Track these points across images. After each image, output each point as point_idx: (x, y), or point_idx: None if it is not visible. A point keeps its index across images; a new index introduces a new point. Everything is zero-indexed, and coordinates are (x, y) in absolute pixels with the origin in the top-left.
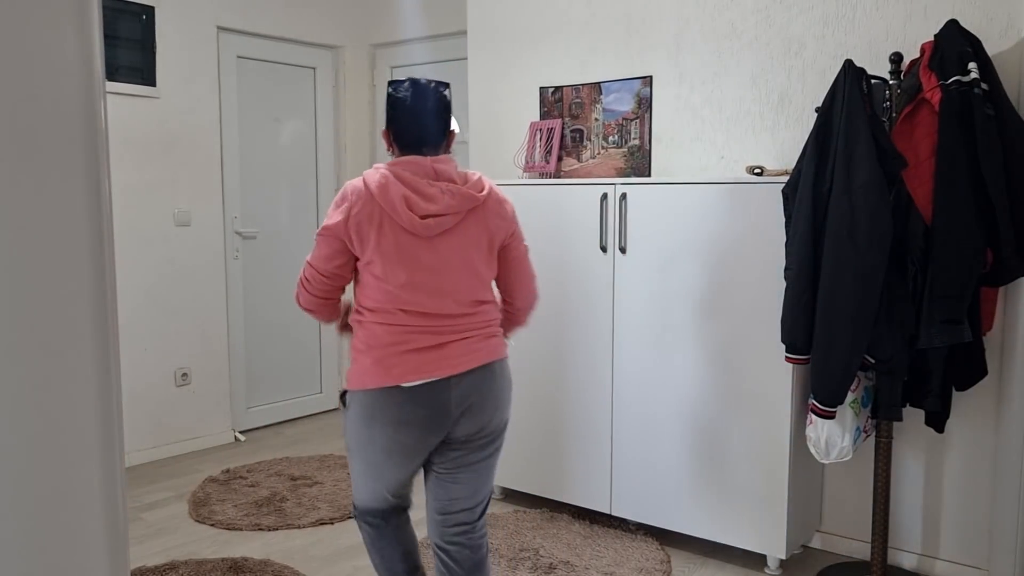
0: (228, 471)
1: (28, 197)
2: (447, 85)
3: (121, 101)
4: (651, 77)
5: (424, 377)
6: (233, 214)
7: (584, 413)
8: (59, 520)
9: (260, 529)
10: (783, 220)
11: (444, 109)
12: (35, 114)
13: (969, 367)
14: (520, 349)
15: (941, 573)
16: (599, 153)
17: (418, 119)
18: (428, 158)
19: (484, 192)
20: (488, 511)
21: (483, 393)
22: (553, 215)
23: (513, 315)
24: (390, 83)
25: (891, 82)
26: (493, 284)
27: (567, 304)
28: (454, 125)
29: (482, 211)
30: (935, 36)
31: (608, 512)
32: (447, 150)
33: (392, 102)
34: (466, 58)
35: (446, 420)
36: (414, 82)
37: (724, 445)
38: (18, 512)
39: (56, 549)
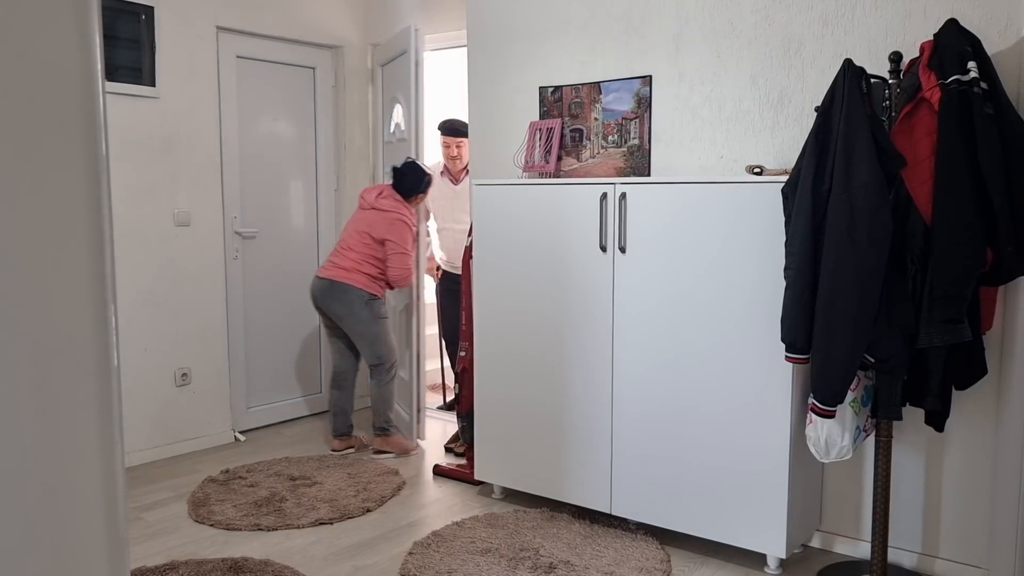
0: (227, 471)
1: (28, 197)
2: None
3: (121, 101)
4: (650, 76)
5: (319, 274)
6: (233, 214)
7: (584, 413)
8: (59, 520)
9: (259, 529)
10: (783, 219)
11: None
12: (35, 114)
13: (969, 366)
14: (520, 348)
15: (941, 572)
16: (599, 153)
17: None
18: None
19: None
20: (387, 373)
21: (325, 291)
22: (553, 215)
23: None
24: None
25: (890, 81)
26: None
27: (567, 304)
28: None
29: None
30: (934, 35)
31: (608, 512)
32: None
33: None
34: (465, 56)
35: (313, 301)
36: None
37: (724, 445)
38: (19, 512)
39: (57, 549)
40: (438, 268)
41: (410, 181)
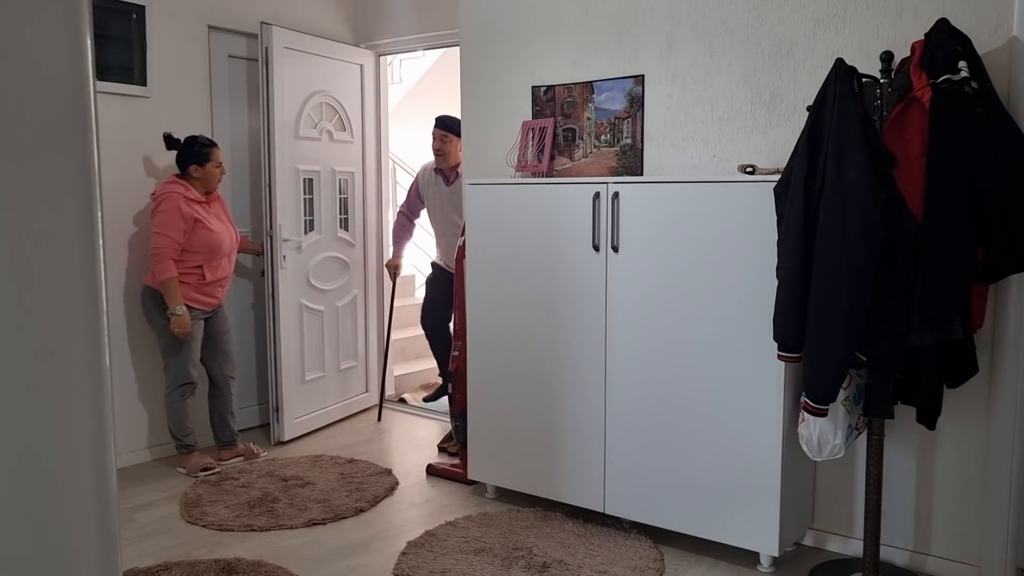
0: (220, 472)
1: (19, 198)
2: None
3: (112, 101)
4: (643, 76)
5: None
6: None
7: (577, 412)
8: (51, 521)
9: (252, 530)
10: (775, 218)
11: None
12: (26, 115)
13: (960, 364)
14: (513, 348)
15: (933, 569)
16: (591, 152)
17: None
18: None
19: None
20: (171, 393)
21: (140, 299)
22: (546, 214)
23: None
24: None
25: (882, 80)
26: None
27: (560, 303)
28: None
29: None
30: (925, 35)
31: (602, 511)
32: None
33: None
34: (458, 56)
35: None
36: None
37: (717, 443)
38: (10, 513)
39: (48, 550)
40: (397, 267)
41: (182, 152)
